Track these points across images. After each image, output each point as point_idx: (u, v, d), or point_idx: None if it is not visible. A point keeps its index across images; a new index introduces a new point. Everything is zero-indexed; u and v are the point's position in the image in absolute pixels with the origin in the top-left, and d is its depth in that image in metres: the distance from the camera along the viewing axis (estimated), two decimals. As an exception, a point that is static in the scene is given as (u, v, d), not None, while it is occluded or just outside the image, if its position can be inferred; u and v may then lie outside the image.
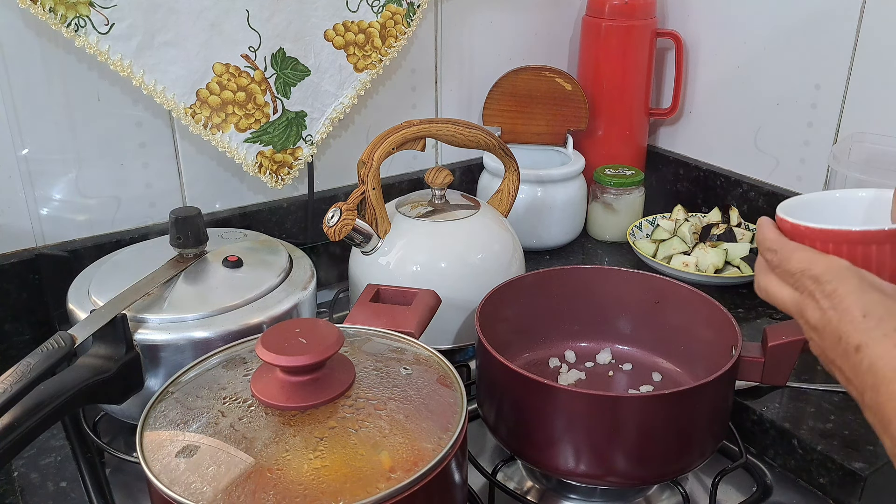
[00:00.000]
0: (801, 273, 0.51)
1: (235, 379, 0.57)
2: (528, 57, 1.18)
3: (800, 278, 0.51)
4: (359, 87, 0.97)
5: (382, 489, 0.46)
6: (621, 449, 0.62)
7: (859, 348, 0.46)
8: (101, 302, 0.69)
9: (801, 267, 0.51)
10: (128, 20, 0.80)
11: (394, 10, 0.97)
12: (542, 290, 0.80)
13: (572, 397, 0.62)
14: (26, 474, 0.69)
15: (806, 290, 0.51)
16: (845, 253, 0.50)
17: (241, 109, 0.89)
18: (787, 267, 0.52)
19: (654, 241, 1.06)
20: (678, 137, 1.23)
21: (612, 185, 1.11)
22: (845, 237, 0.51)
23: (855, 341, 0.46)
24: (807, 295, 0.51)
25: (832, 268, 0.50)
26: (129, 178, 0.91)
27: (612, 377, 0.80)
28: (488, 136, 0.88)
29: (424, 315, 0.71)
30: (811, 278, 0.50)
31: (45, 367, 0.58)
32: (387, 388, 0.55)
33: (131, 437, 0.53)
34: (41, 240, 0.87)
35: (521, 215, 1.05)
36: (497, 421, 0.69)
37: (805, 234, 0.53)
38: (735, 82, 1.11)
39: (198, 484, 0.47)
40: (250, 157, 0.92)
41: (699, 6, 1.14)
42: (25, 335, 0.86)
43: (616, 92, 1.17)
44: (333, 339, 0.54)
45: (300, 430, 0.50)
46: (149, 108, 0.89)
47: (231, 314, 0.70)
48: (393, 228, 0.84)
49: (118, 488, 0.70)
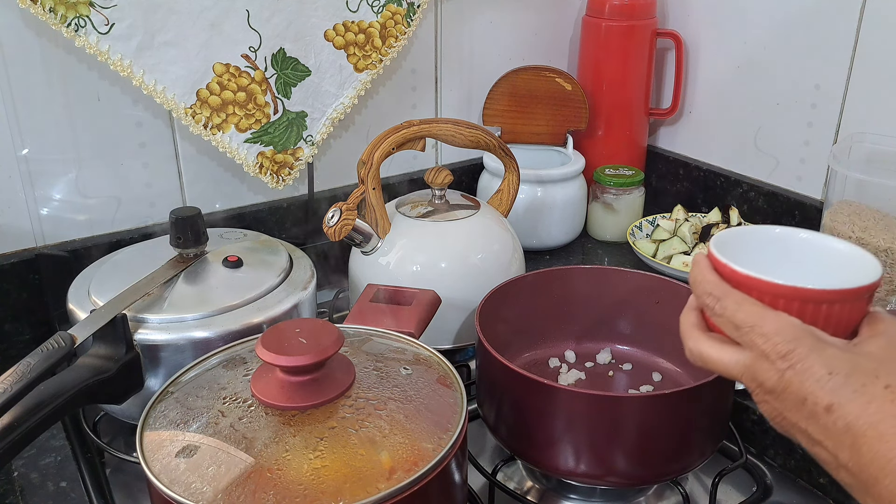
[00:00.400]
0: (751, 329, 0.47)
1: (235, 379, 0.57)
2: (528, 57, 1.18)
3: (748, 333, 0.47)
4: (359, 88, 0.97)
5: (382, 489, 0.46)
6: (621, 449, 0.62)
7: (830, 408, 0.43)
8: (101, 302, 0.69)
9: (750, 322, 0.47)
10: (128, 20, 0.80)
11: (394, 10, 0.97)
12: (542, 290, 0.80)
13: (572, 397, 0.62)
14: (26, 474, 0.69)
15: (756, 349, 0.47)
16: (795, 309, 0.47)
17: (241, 110, 0.89)
18: (734, 319, 0.48)
19: (654, 241, 1.06)
20: (678, 137, 1.23)
21: (612, 185, 1.11)
22: (799, 294, 0.47)
23: (824, 401, 0.44)
24: (758, 355, 0.47)
25: (785, 326, 0.47)
26: (129, 178, 0.91)
27: (612, 377, 0.80)
28: (488, 136, 0.88)
29: (424, 315, 0.71)
30: (762, 336, 0.47)
31: (45, 367, 0.58)
32: (387, 388, 0.55)
33: (131, 437, 0.53)
34: (41, 240, 0.87)
35: (521, 215, 1.05)
36: (497, 421, 0.69)
37: (752, 286, 0.49)
38: (735, 82, 1.11)
39: (198, 484, 0.47)
40: (251, 157, 0.92)
41: (699, 6, 1.14)
42: (25, 335, 0.86)
43: (616, 92, 1.17)
44: (333, 339, 0.54)
45: (300, 430, 0.50)
46: (149, 109, 0.89)
47: (231, 314, 0.70)
48: (393, 228, 0.84)
49: (118, 488, 0.70)
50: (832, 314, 0.48)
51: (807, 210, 1.01)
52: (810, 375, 0.44)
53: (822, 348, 0.45)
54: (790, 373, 0.45)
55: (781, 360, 0.46)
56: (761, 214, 1.08)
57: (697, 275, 0.51)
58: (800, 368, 0.45)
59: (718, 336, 0.50)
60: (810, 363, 0.45)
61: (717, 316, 0.49)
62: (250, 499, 0.46)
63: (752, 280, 0.49)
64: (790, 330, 0.46)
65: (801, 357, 0.45)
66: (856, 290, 0.48)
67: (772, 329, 0.46)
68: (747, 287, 0.49)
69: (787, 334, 0.46)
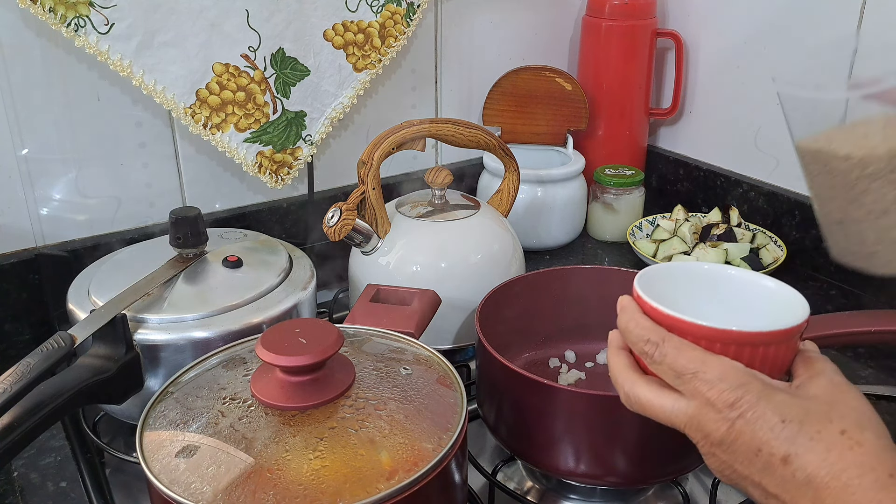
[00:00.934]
0: (693, 375, 0.44)
1: (235, 379, 0.57)
2: (528, 57, 1.18)
3: (690, 381, 0.44)
4: (358, 87, 0.97)
5: (382, 489, 0.46)
6: (621, 449, 0.62)
7: (788, 459, 0.41)
8: (100, 302, 0.69)
9: (692, 368, 0.44)
10: (127, 20, 0.80)
11: (393, 10, 0.97)
12: (542, 290, 0.80)
13: (572, 397, 0.62)
14: (26, 474, 0.69)
15: (700, 397, 0.44)
16: (732, 353, 0.46)
17: (240, 109, 0.89)
18: (674, 366, 0.45)
19: (654, 241, 1.06)
20: (678, 137, 1.23)
21: (612, 185, 1.11)
22: (736, 338, 0.46)
23: (781, 452, 0.41)
24: (703, 403, 0.44)
25: (728, 371, 0.44)
26: (129, 178, 0.91)
27: (612, 377, 0.80)
28: (488, 136, 0.88)
29: (424, 315, 0.71)
30: (706, 382, 0.44)
31: (45, 367, 0.58)
32: (387, 388, 0.55)
33: (131, 437, 0.53)
34: (41, 240, 0.87)
35: (521, 215, 1.05)
36: (497, 421, 0.69)
37: (686, 330, 0.47)
38: (735, 82, 1.11)
39: (198, 484, 0.47)
40: (250, 157, 0.92)
41: (699, 6, 1.14)
42: (25, 335, 0.86)
43: (616, 92, 1.17)
44: (333, 339, 0.54)
45: (300, 430, 0.50)
46: (148, 108, 0.89)
47: (231, 314, 0.70)
48: (393, 228, 0.84)
49: (118, 488, 0.70)
50: (768, 356, 0.46)
51: (807, 210, 1.01)
52: (763, 424, 0.42)
53: (771, 394, 0.43)
54: (741, 422, 0.43)
55: (729, 409, 0.43)
56: (761, 214, 1.08)
57: (629, 321, 0.48)
58: (751, 417, 0.42)
59: (657, 380, 0.48)
60: (761, 411, 0.42)
61: (656, 364, 0.46)
62: (250, 499, 0.46)
63: (684, 324, 0.47)
64: (735, 375, 0.44)
65: (750, 404, 0.43)
66: (791, 329, 0.47)
67: (715, 375, 0.44)
68: (680, 331, 0.47)
69: (732, 380, 0.43)
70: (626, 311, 0.49)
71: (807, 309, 0.49)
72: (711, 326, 0.46)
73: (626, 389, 0.49)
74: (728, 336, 0.46)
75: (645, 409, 0.48)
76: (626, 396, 0.49)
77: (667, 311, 0.48)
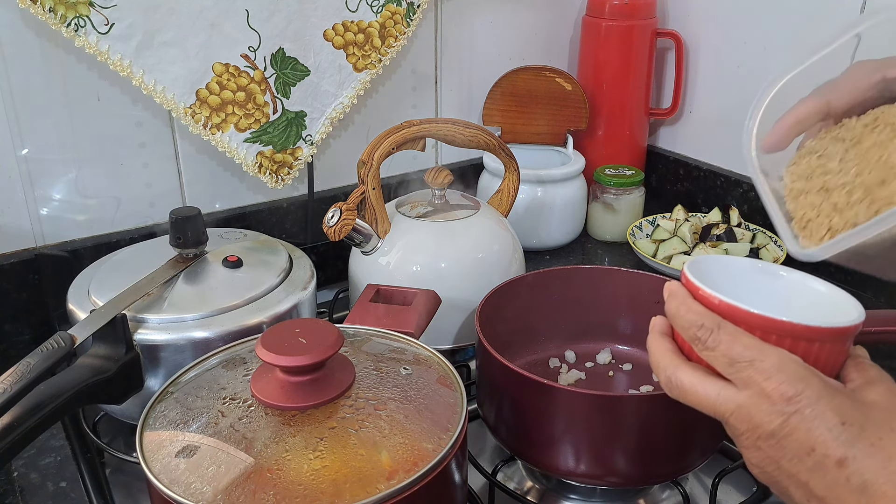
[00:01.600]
0: (749, 364, 0.42)
1: (235, 379, 0.57)
2: (528, 57, 1.18)
3: (745, 369, 0.43)
4: (358, 87, 0.97)
5: (382, 489, 0.46)
6: (621, 449, 0.62)
7: (844, 462, 0.39)
8: (101, 302, 0.69)
9: (748, 356, 0.43)
10: (127, 20, 0.80)
11: (393, 10, 0.97)
12: (542, 290, 0.80)
13: (572, 397, 0.62)
14: (26, 474, 0.69)
15: (755, 387, 0.42)
16: (787, 346, 0.44)
17: (240, 109, 0.89)
18: (730, 353, 0.43)
19: (654, 241, 1.06)
20: (678, 137, 1.23)
21: (612, 185, 1.11)
22: (794, 331, 0.44)
23: (837, 454, 0.40)
24: (756, 394, 0.42)
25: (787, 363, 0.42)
26: (129, 178, 0.91)
27: (612, 377, 0.80)
28: (488, 136, 0.88)
29: (424, 315, 0.71)
30: (762, 372, 0.42)
31: (45, 367, 0.58)
32: (387, 388, 0.55)
33: (131, 437, 0.53)
34: (41, 240, 0.87)
35: (521, 215, 1.05)
36: (497, 421, 0.69)
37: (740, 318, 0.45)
38: (735, 82, 1.11)
39: (198, 484, 0.47)
40: (250, 157, 0.92)
41: (699, 6, 1.14)
42: (25, 335, 0.86)
43: (616, 92, 1.17)
44: (333, 339, 0.54)
45: (300, 430, 0.50)
46: (148, 108, 0.89)
47: (231, 314, 0.70)
48: (393, 228, 0.84)
49: (118, 488, 0.70)
50: (822, 353, 0.45)
51: (807, 210, 1.01)
52: (821, 423, 0.40)
53: (832, 394, 0.41)
54: (796, 418, 0.41)
55: (786, 403, 0.41)
56: (761, 214, 1.08)
57: (679, 306, 0.47)
58: (809, 414, 0.41)
59: (702, 367, 0.46)
60: (821, 409, 0.41)
61: (709, 350, 0.45)
62: (250, 499, 0.46)
63: (739, 311, 0.45)
64: (795, 368, 0.42)
65: (810, 401, 0.41)
66: (849, 328, 0.46)
67: (773, 365, 0.42)
68: (733, 319, 0.45)
69: (791, 373, 0.42)
70: (675, 297, 0.48)
71: (862, 312, 0.47)
72: (768, 316, 0.44)
73: (668, 373, 0.47)
74: (785, 327, 0.44)
75: (687, 394, 0.46)
76: (668, 380, 0.47)
77: (721, 297, 0.46)
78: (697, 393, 0.45)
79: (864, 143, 0.51)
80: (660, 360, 0.48)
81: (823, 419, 0.41)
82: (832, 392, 0.42)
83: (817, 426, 0.41)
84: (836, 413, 0.41)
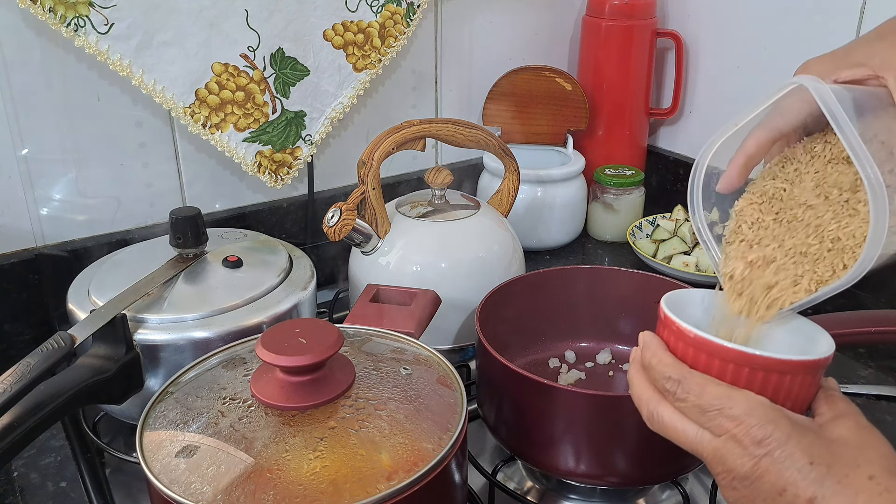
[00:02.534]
0: (718, 412, 0.44)
1: (235, 379, 0.57)
2: (528, 57, 1.18)
3: (715, 417, 0.44)
4: (358, 87, 0.97)
5: (382, 489, 0.46)
6: (621, 449, 0.62)
7: (813, 501, 0.41)
8: (101, 302, 0.69)
9: (717, 405, 0.44)
10: (127, 20, 0.80)
11: (393, 10, 0.97)
12: (542, 290, 0.80)
13: (572, 397, 0.62)
14: (26, 474, 0.69)
15: (726, 433, 0.44)
16: (759, 379, 0.45)
17: (240, 109, 0.89)
18: (698, 402, 0.45)
19: (654, 241, 1.06)
20: (678, 137, 1.23)
21: (612, 185, 1.11)
22: (763, 363, 0.45)
23: (806, 494, 0.41)
24: (728, 439, 0.44)
25: (756, 407, 0.43)
26: (129, 178, 0.91)
27: (612, 377, 0.80)
28: (488, 136, 0.88)
29: (424, 315, 0.71)
30: (732, 419, 0.43)
31: (45, 367, 0.58)
32: (387, 388, 0.55)
33: (131, 437, 0.53)
34: (41, 240, 0.87)
35: (521, 215, 1.05)
36: (497, 421, 0.69)
37: (713, 352, 0.46)
38: (735, 82, 1.11)
39: (198, 484, 0.47)
40: (249, 156, 0.92)
41: (699, 6, 1.14)
42: (25, 335, 0.86)
43: (616, 92, 1.17)
44: (333, 339, 0.54)
45: (300, 430, 0.50)
46: (148, 108, 0.89)
47: (231, 314, 0.70)
48: (393, 228, 0.84)
49: (118, 488, 0.70)
50: (794, 386, 0.46)
51: (807, 210, 1.01)
52: (791, 464, 0.42)
53: (800, 434, 0.43)
54: (767, 460, 0.42)
55: (756, 446, 0.43)
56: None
57: (651, 358, 0.48)
58: (779, 456, 0.42)
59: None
60: (790, 450, 0.42)
61: (680, 401, 0.46)
62: (250, 499, 0.46)
63: (712, 346, 0.46)
64: (763, 411, 0.43)
65: (779, 443, 0.42)
66: (820, 360, 0.46)
67: (742, 410, 0.43)
68: (708, 353, 0.47)
69: (760, 416, 0.43)
70: (648, 348, 0.49)
71: (832, 344, 0.48)
72: (740, 350, 0.45)
73: (650, 408, 0.48)
74: (756, 361, 0.45)
75: (667, 431, 0.47)
76: (650, 416, 0.48)
77: (695, 331, 0.47)
78: (677, 431, 0.47)
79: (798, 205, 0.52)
80: (641, 394, 0.49)
81: (793, 460, 0.42)
82: (800, 431, 0.43)
83: (787, 467, 0.42)
84: (804, 453, 0.42)
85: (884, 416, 0.76)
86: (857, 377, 0.82)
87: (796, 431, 0.43)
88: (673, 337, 0.49)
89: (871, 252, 0.45)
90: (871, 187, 0.44)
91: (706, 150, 0.55)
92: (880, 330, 0.69)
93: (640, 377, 0.50)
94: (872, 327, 0.69)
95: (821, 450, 0.42)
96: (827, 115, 0.46)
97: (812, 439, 0.43)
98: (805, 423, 0.44)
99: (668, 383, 0.47)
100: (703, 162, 0.55)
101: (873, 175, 0.43)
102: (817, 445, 0.43)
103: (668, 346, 0.50)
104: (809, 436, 0.43)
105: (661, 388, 0.47)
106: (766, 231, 0.53)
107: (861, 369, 0.84)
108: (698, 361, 0.47)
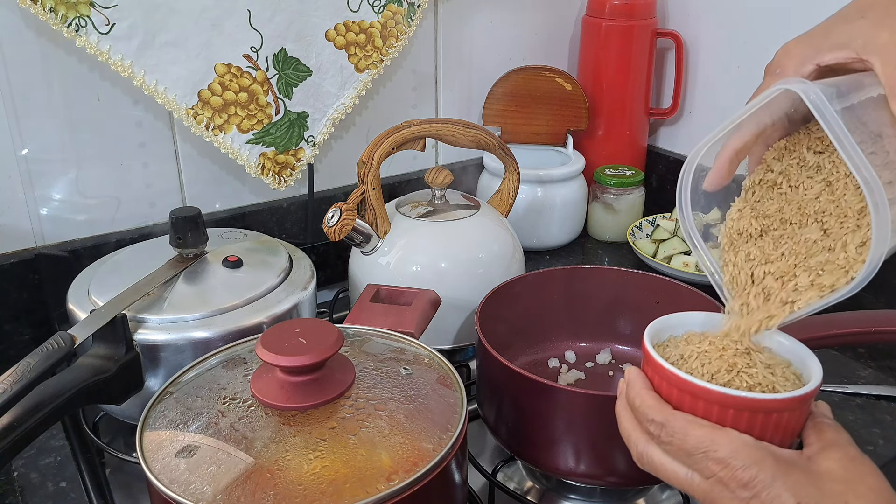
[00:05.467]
0: (704, 455, 0.44)
1: (235, 379, 0.57)
2: (528, 57, 1.18)
3: (701, 461, 0.44)
4: (360, 88, 0.97)
5: (382, 489, 0.46)
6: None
7: None
8: (101, 302, 0.69)
9: (702, 448, 0.44)
10: (128, 20, 0.80)
11: (394, 10, 0.97)
12: (542, 290, 0.80)
13: (572, 397, 0.62)
14: (26, 474, 0.69)
15: (713, 476, 0.43)
16: (745, 419, 0.45)
17: (243, 110, 0.89)
18: (683, 446, 0.45)
19: (654, 241, 1.06)
20: (678, 137, 1.23)
21: (612, 185, 1.11)
22: (748, 404, 0.45)
23: None
24: (716, 482, 0.43)
25: (740, 448, 0.43)
26: (129, 178, 0.91)
27: (612, 377, 0.80)
28: (488, 136, 0.88)
29: (424, 315, 0.71)
30: (717, 462, 0.43)
31: (45, 367, 0.58)
32: (387, 388, 0.55)
33: (131, 437, 0.53)
34: (41, 240, 0.87)
35: (521, 215, 1.05)
36: (497, 421, 0.69)
37: (697, 394, 0.46)
38: (735, 82, 1.11)
39: (198, 484, 0.47)
40: (253, 158, 0.91)
41: (699, 6, 1.14)
42: (25, 335, 0.86)
43: (616, 92, 1.17)
44: (333, 339, 0.54)
45: (300, 430, 0.50)
46: (149, 109, 0.89)
47: (231, 314, 0.70)
48: (393, 228, 0.84)
49: (118, 488, 0.70)
50: (781, 422, 0.46)
51: (807, 210, 1.01)
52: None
53: (786, 472, 0.42)
54: (755, 503, 0.42)
55: (743, 489, 0.42)
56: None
57: (635, 397, 0.48)
58: (765, 497, 0.42)
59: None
60: (777, 491, 0.42)
61: (664, 443, 0.46)
62: (250, 499, 0.46)
63: (696, 388, 0.46)
64: (747, 452, 0.43)
65: (764, 485, 0.42)
66: (806, 395, 0.46)
67: (726, 453, 0.43)
68: (692, 394, 0.46)
69: (745, 458, 0.43)
70: (632, 387, 0.49)
71: (820, 372, 0.48)
72: (724, 392, 0.45)
73: (639, 448, 0.48)
74: (741, 402, 0.45)
75: (659, 473, 0.47)
76: (640, 455, 0.48)
77: (678, 372, 0.47)
78: (667, 472, 0.46)
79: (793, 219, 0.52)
80: (630, 433, 0.49)
81: (779, 501, 0.41)
82: (786, 470, 0.43)
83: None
84: (791, 493, 0.42)
85: (884, 416, 0.76)
86: (857, 377, 0.82)
87: (781, 471, 0.42)
88: (657, 376, 0.49)
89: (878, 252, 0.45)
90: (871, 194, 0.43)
91: (694, 154, 0.55)
92: (880, 330, 0.68)
93: (628, 413, 0.50)
94: (872, 327, 0.69)
95: (808, 488, 0.42)
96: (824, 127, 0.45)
97: (798, 477, 0.42)
98: (792, 458, 0.44)
99: (651, 426, 0.47)
100: (692, 165, 0.55)
101: (871, 178, 0.43)
102: (804, 483, 0.42)
103: (653, 383, 0.49)
104: (796, 473, 0.43)
105: (646, 430, 0.47)
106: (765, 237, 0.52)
107: (861, 369, 0.84)
108: (683, 401, 0.47)
